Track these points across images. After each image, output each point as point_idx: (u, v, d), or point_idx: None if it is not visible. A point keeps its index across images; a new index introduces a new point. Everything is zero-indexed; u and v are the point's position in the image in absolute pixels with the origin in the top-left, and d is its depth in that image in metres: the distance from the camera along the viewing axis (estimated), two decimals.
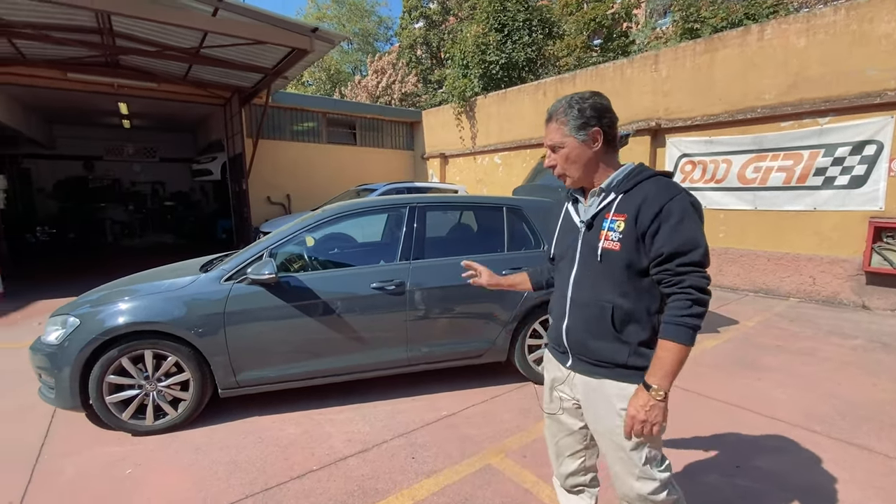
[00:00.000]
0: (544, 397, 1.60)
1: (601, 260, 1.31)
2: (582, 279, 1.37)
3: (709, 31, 8.72)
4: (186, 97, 8.94)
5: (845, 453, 2.50)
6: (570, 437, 1.54)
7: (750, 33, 6.29)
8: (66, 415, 2.98)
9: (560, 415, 1.53)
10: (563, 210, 1.54)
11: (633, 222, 1.25)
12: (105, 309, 2.73)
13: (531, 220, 3.51)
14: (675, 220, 1.21)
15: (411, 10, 22.24)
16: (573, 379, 1.43)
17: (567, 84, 8.73)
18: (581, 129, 1.32)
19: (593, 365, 1.36)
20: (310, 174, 10.61)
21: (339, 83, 21.27)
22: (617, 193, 1.32)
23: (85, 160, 13.91)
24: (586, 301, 1.35)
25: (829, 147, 5.63)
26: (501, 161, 10.16)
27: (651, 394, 1.21)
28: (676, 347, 1.19)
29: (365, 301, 3.00)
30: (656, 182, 1.29)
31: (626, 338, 1.30)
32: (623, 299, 1.29)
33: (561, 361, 1.48)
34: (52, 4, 4.78)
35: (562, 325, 1.42)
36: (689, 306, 1.19)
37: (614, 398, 1.32)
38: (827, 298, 5.77)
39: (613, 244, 1.28)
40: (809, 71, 5.72)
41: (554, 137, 1.37)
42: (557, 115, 1.35)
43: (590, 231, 1.36)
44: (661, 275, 1.24)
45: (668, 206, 1.22)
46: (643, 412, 1.22)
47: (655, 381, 1.22)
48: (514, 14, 11.67)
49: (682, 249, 1.20)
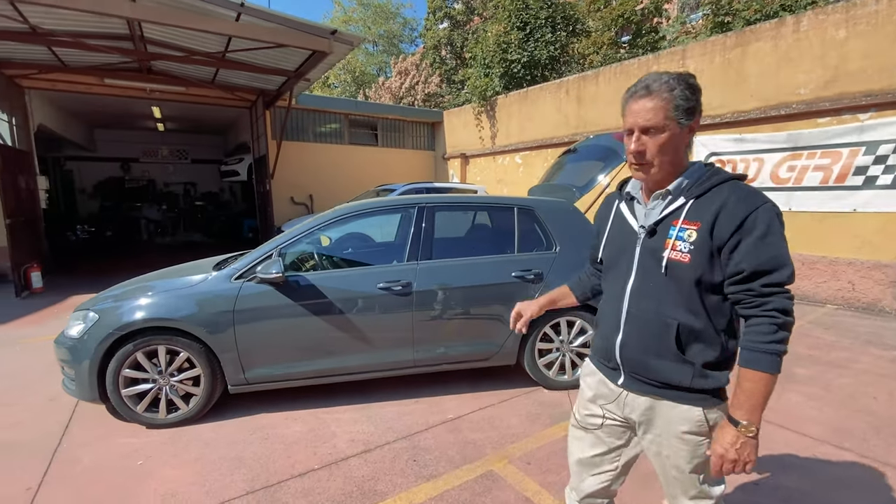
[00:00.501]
0: (579, 408, 1.45)
1: (666, 273, 1.16)
2: (642, 291, 1.22)
3: (741, 24, 8.34)
4: (214, 100, 9.23)
5: (875, 474, 2.31)
6: (602, 456, 1.39)
7: (784, 25, 5.97)
8: (87, 406, 3.11)
9: (597, 430, 1.39)
10: (613, 209, 1.37)
11: (709, 233, 1.11)
12: (122, 305, 2.82)
13: (543, 221, 3.42)
14: (760, 234, 1.06)
15: (436, 11, 22.30)
16: (625, 398, 1.29)
17: (590, 82, 8.54)
18: (688, 114, 1.12)
19: (651, 385, 1.22)
20: (332, 175, 10.77)
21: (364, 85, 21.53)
22: (687, 198, 1.16)
23: (123, 162, 14.60)
24: (647, 316, 1.21)
25: (870, 144, 5.28)
26: (522, 161, 10.03)
27: (741, 430, 1.08)
28: (765, 378, 1.07)
29: (371, 301, 2.99)
30: (735, 188, 1.13)
31: (691, 358, 1.16)
32: (690, 316, 1.15)
33: (610, 378, 1.33)
34: (86, 13, 5.01)
35: (615, 339, 1.27)
36: (774, 331, 1.07)
37: (676, 422, 1.20)
38: (867, 306, 5.41)
39: (682, 256, 1.14)
40: (849, 64, 5.38)
41: (654, 118, 1.12)
42: (661, 90, 1.11)
43: (652, 238, 1.20)
44: (740, 294, 1.10)
45: (753, 216, 1.07)
46: (733, 451, 1.09)
47: (744, 415, 1.08)
48: (537, 12, 11.51)
49: (767, 268, 1.06)
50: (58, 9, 4.75)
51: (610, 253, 1.35)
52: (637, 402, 1.27)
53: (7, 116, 6.88)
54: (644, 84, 1.15)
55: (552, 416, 2.96)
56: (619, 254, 1.30)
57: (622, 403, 1.30)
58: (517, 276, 3.20)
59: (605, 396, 1.35)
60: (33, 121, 7.94)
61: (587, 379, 1.44)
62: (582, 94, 8.69)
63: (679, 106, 1.12)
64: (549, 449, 2.58)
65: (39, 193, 7.87)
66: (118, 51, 6.25)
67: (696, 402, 1.18)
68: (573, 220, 3.53)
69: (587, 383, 1.43)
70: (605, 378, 1.36)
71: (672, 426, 1.21)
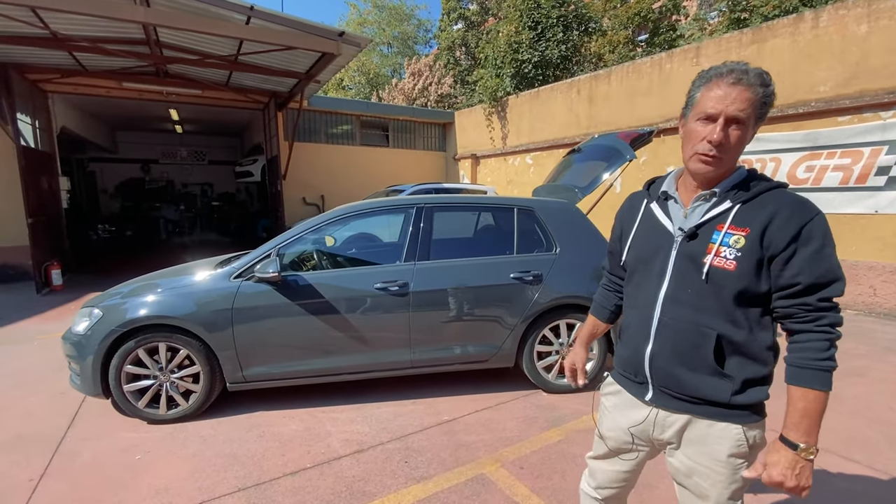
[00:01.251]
0: (603, 425, 1.37)
1: (707, 280, 1.09)
2: (677, 298, 1.14)
3: (759, 20, 8.11)
4: (228, 102, 9.40)
5: (886, 488, 2.21)
6: (624, 472, 1.36)
7: (803, 21, 5.79)
8: (94, 401, 3.19)
9: (630, 454, 1.32)
10: (642, 209, 1.28)
11: (758, 241, 1.04)
12: (125, 302, 2.89)
13: (543, 221, 3.38)
14: (817, 246, 1.01)
15: (450, 12, 22.33)
16: (654, 417, 1.21)
17: (602, 81, 8.42)
18: (765, 113, 1.07)
19: (684, 401, 1.15)
20: (344, 175, 10.87)
21: (378, 86, 21.69)
22: (734, 202, 1.09)
23: (143, 163, 15.00)
24: (682, 325, 1.13)
25: (893, 143, 5.07)
26: (533, 161, 9.95)
27: (800, 454, 1.01)
28: (821, 396, 1.01)
29: (368, 301, 3.00)
30: (784, 195, 1.07)
31: (729, 371, 1.09)
32: (732, 327, 1.08)
33: (636, 394, 1.25)
34: (103, 18, 5.15)
35: (644, 349, 1.19)
36: (827, 348, 1.02)
37: (714, 442, 1.13)
38: (889, 311, 5.20)
39: (727, 263, 1.06)
40: (871, 60, 5.18)
41: (746, 109, 1.03)
42: (755, 83, 1.03)
43: (691, 242, 1.13)
44: (793, 309, 1.04)
45: (809, 227, 1.02)
46: (792, 477, 1.01)
47: (801, 437, 1.01)
48: (548, 11, 11.41)
49: (824, 281, 1.01)
50: (76, 15, 4.90)
51: (637, 256, 1.26)
52: (668, 420, 1.19)
53: (30, 119, 7.13)
54: (740, 70, 1.04)
55: (549, 420, 2.92)
56: (649, 257, 1.21)
57: (652, 425, 1.22)
58: (516, 278, 3.16)
59: (632, 420, 1.26)
60: (56, 123, 8.21)
61: (611, 398, 1.35)
62: (594, 94, 8.58)
63: (766, 103, 1.05)
64: (544, 454, 2.54)
65: (61, 194, 8.13)
66: (135, 55, 6.42)
67: (734, 420, 1.11)
68: (574, 221, 3.47)
69: (612, 402, 1.34)
70: (631, 396, 1.27)
71: (709, 447, 1.13)
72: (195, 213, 15.62)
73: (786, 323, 1.07)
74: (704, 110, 1.08)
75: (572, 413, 3.01)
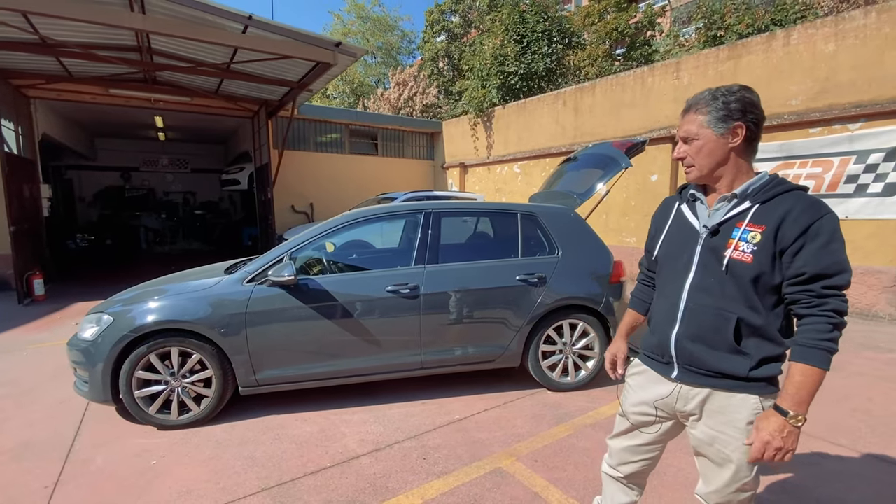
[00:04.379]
0: (627, 403, 1.51)
1: (727, 271, 1.24)
2: (701, 287, 1.30)
3: (733, 38, 8.58)
4: (218, 110, 9.34)
5: (872, 468, 2.39)
6: (646, 446, 1.50)
7: (775, 39, 6.18)
8: (97, 409, 3.14)
9: (645, 427, 1.47)
10: (674, 210, 1.45)
11: (773, 236, 1.19)
12: (136, 307, 2.88)
13: (546, 226, 3.52)
14: (824, 241, 1.14)
15: (433, 24, 22.69)
16: (678, 392, 1.36)
17: (587, 93, 8.73)
18: (721, 122, 1.26)
19: (707, 376, 1.29)
20: (333, 184, 10.89)
21: (363, 96, 21.79)
22: (753, 202, 1.25)
23: (123, 171, 14.65)
24: (705, 310, 1.28)
25: (861, 153, 5.44)
26: (521, 170, 10.18)
27: (788, 420, 1.14)
28: (817, 372, 1.14)
29: (380, 304, 3.07)
30: (799, 196, 1.21)
31: (746, 350, 1.24)
32: (750, 312, 1.23)
33: (663, 373, 1.39)
34: (97, 24, 5.12)
35: (670, 332, 1.34)
36: (829, 330, 1.15)
37: (734, 411, 1.26)
38: (860, 311, 5.53)
39: (744, 255, 1.21)
40: (839, 76, 5.57)
41: (689, 128, 1.30)
42: (698, 105, 1.30)
43: (714, 237, 1.29)
44: (799, 294, 1.18)
45: (817, 224, 1.15)
46: (779, 438, 1.14)
47: (792, 406, 1.14)
48: (534, 25, 11.77)
49: (828, 272, 1.14)
50: (69, 21, 4.86)
51: (668, 250, 1.42)
52: (691, 393, 1.33)
53: (14, 126, 6.96)
54: (688, 102, 1.35)
55: (556, 417, 3.03)
56: (678, 251, 1.37)
57: (675, 398, 1.36)
58: (521, 280, 3.28)
59: (657, 395, 1.41)
60: (38, 130, 8.02)
61: (636, 377, 1.51)
62: (579, 105, 8.87)
63: (713, 116, 1.28)
64: (555, 447, 2.64)
65: (42, 202, 7.92)
66: (125, 62, 6.37)
67: (752, 391, 1.25)
68: (574, 226, 3.63)
69: (637, 381, 1.50)
70: (657, 374, 1.41)
71: (729, 416, 1.27)
72: (177, 222, 15.29)
73: (794, 308, 1.22)
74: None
75: (578, 410, 3.13)
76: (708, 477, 1.37)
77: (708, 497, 1.38)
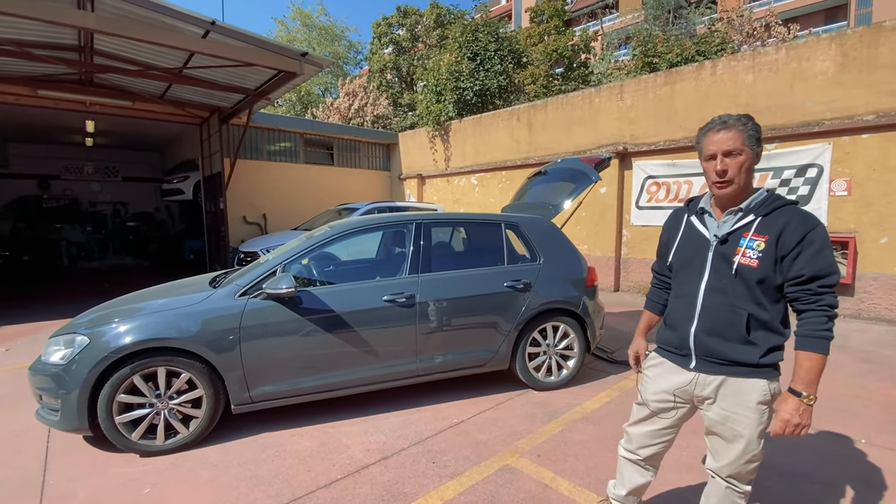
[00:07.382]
0: (647, 391, 1.71)
1: (736, 274, 1.46)
2: (715, 287, 1.51)
3: (665, 66, 9.54)
4: (162, 116, 8.78)
5: (825, 442, 2.81)
6: (663, 430, 1.69)
7: (704, 69, 6.99)
8: (61, 439, 2.88)
9: (663, 413, 1.67)
10: (684, 221, 1.66)
11: (774, 244, 1.41)
12: (116, 326, 2.69)
13: (527, 235, 3.75)
14: (817, 248, 1.37)
15: (381, 37, 22.84)
16: (695, 379, 1.56)
17: (539, 111, 9.25)
18: (756, 143, 1.46)
19: (722, 365, 1.50)
20: (287, 194, 10.57)
21: (310, 104, 21.33)
22: (756, 215, 1.47)
23: (40, 179, 13.20)
24: (720, 308, 1.50)
25: (776, 170, 6.29)
26: (478, 182, 10.52)
27: (803, 400, 1.37)
28: (819, 358, 1.37)
29: (377, 313, 3.10)
30: (794, 211, 1.44)
31: (756, 340, 1.45)
32: (758, 308, 1.45)
33: (681, 364, 1.60)
34: (35, 21, 4.70)
35: (689, 328, 1.56)
36: (825, 321, 1.38)
37: (746, 392, 1.47)
38: None
39: (751, 261, 1.43)
40: (757, 103, 6.40)
41: (733, 143, 1.44)
42: (737, 123, 1.45)
43: (724, 245, 1.50)
44: (799, 293, 1.40)
45: (811, 234, 1.38)
46: (797, 416, 1.37)
47: (804, 387, 1.38)
48: (486, 44, 12.28)
49: (822, 273, 1.37)
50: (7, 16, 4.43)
51: (681, 257, 1.64)
52: (708, 380, 1.55)
53: None
54: (723, 119, 1.49)
55: (547, 414, 3.21)
56: (691, 258, 1.59)
57: (693, 385, 1.58)
58: (509, 286, 3.46)
59: (676, 383, 1.62)
60: None
61: (654, 369, 1.72)
62: (532, 121, 9.38)
63: (752, 136, 1.46)
64: (553, 442, 2.82)
65: None
66: (64, 62, 5.86)
67: (761, 376, 1.47)
68: (552, 234, 3.88)
69: (655, 372, 1.70)
70: (675, 365, 1.63)
71: (741, 397, 1.49)
72: (105, 235, 13.98)
73: (794, 305, 1.47)
74: (707, 152, 1.51)
75: (565, 406, 3.34)
76: (719, 453, 1.59)
77: (720, 470, 1.59)
